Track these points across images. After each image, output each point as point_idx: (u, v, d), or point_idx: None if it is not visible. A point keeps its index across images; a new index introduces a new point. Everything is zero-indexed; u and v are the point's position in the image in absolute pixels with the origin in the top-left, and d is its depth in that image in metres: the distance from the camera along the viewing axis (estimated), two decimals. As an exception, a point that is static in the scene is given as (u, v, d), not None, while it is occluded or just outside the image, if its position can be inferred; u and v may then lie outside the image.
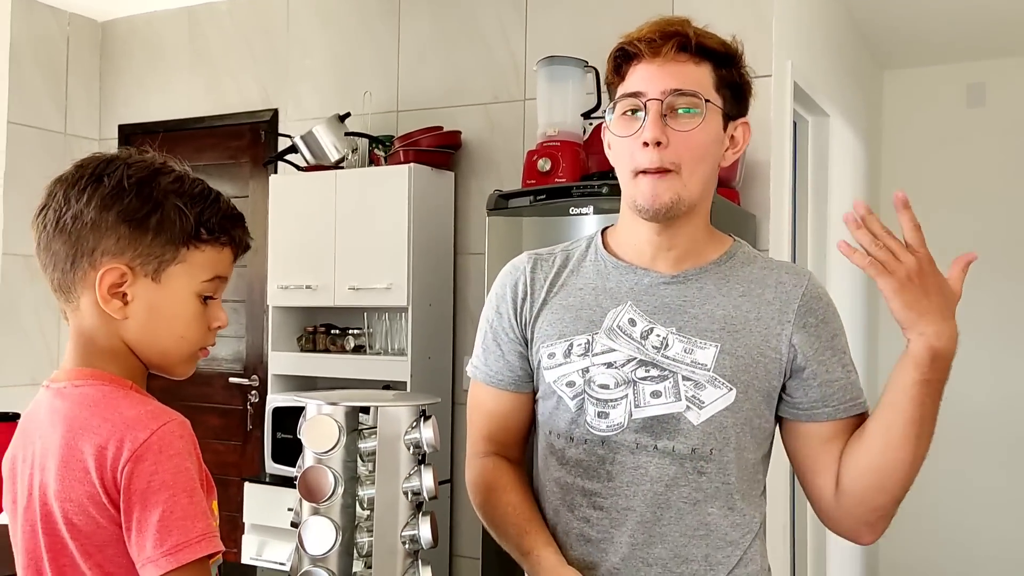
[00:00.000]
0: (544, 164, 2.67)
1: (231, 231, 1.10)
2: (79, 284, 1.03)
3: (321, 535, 1.21)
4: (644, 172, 1.18)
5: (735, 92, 1.23)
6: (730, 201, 2.68)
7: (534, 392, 1.32)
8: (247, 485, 3.39)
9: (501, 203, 2.70)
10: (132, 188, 1.03)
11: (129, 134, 4.23)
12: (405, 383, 3.14)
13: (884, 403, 1.17)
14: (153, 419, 0.99)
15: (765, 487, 1.29)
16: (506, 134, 3.30)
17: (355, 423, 1.26)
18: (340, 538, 1.22)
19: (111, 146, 4.27)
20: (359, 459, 1.26)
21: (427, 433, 1.22)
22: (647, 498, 1.19)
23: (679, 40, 1.17)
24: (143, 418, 0.99)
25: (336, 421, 1.22)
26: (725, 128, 1.22)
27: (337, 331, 3.42)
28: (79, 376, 1.04)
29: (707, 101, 1.18)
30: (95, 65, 4.29)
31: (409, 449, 1.24)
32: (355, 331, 3.37)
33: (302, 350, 3.47)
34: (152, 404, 1.03)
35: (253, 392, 3.84)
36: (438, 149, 3.28)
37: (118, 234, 1.02)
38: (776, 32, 2.89)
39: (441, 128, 3.32)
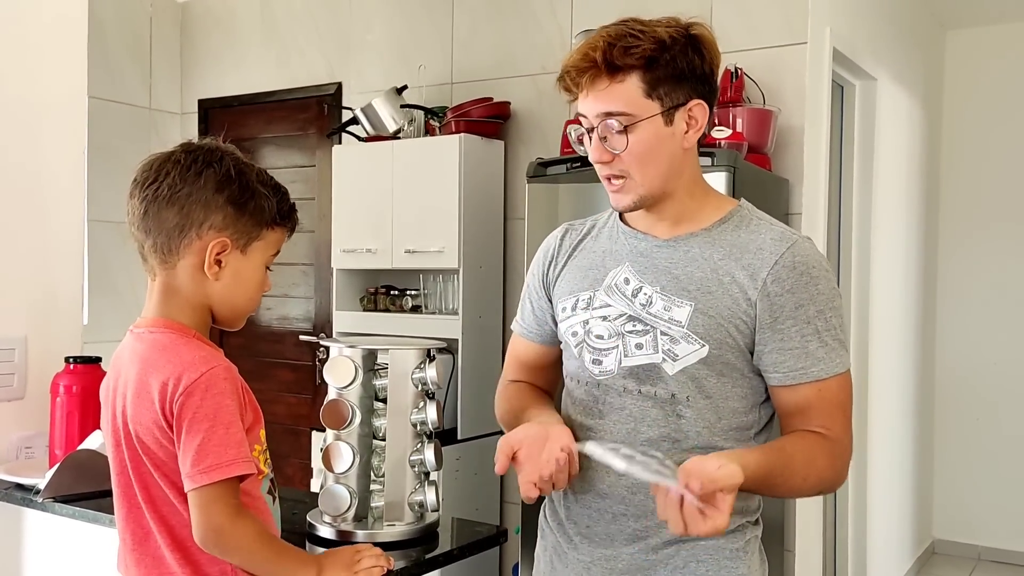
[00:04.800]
0: (580, 133, 2.80)
1: (293, 216, 1.37)
2: (183, 249, 1.27)
3: (341, 457, 1.42)
4: (604, 179, 1.35)
5: (674, 83, 1.29)
6: (760, 167, 2.77)
7: (559, 344, 1.48)
8: (314, 434, 3.66)
9: (540, 171, 2.86)
10: (237, 177, 1.28)
11: (208, 108, 4.52)
12: (457, 340, 3.34)
13: None
14: (204, 363, 1.23)
15: (762, 431, 1.39)
16: (553, 104, 3.44)
17: (372, 364, 1.46)
18: (358, 460, 1.43)
19: (192, 120, 4.58)
20: (375, 395, 1.47)
21: (431, 372, 1.42)
22: (630, 435, 1.33)
23: (593, 71, 1.28)
24: (197, 361, 1.23)
25: (353, 361, 1.42)
26: (672, 121, 1.31)
27: (396, 292, 3.64)
28: (155, 324, 1.29)
29: (633, 120, 1.28)
30: (176, 43, 4.59)
31: (417, 386, 1.44)
32: (412, 292, 3.59)
33: (364, 310, 3.71)
34: (207, 351, 1.26)
35: (321, 349, 4.12)
36: (488, 119, 3.44)
37: (224, 213, 1.27)
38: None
39: (491, 99, 3.48)
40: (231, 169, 1.28)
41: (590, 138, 1.32)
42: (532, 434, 1.30)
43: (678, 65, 1.29)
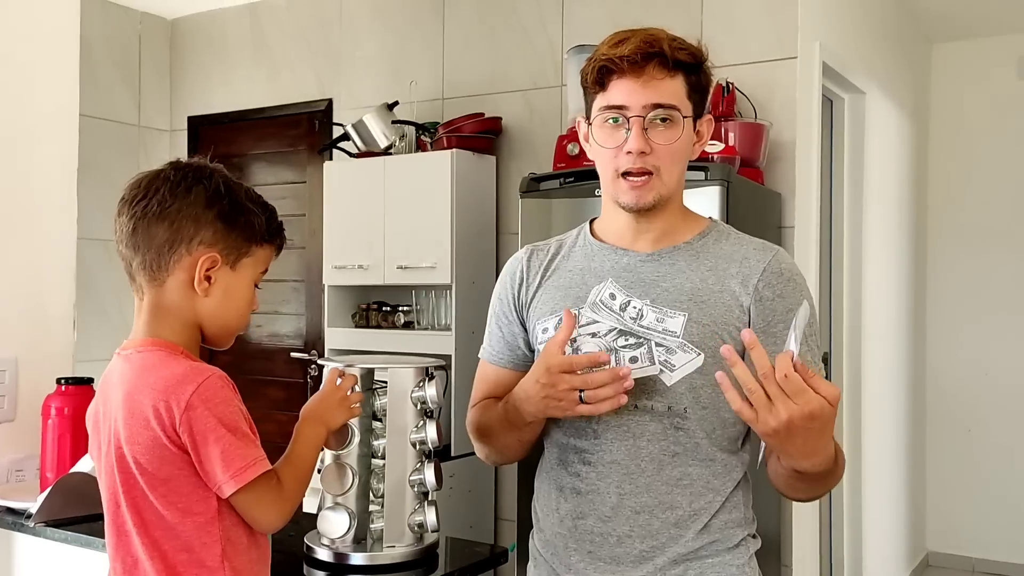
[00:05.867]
0: (573, 148, 2.81)
1: (281, 235, 1.37)
2: (173, 265, 1.26)
3: (340, 477, 1.40)
4: (626, 175, 1.33)
5: (702, 94, 1.36)
6: (753, 181, 2.78)
7: None
8: (306, 452, 3.63)
9: (533, 186, 2.85)
10: (226, 194, 1.28)
11: (198, 125, 4.51)
12: (450, 356, 3.33)
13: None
14: (198, 374, 1.21)
15: (746, 442, 1.39)
16: (545, 119, 3.45)
17: (370, 383, 1.45)
18: (357, 481, 1.41)
19: (181, 137, 4.56)
20: (374, 415, 1.45)
21: (431, 391, 1.40)
22: (630, 452, 1.32)
23: (659, 60, 1.30)
24: (190, 373, 1.21)
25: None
26: (695, 128, 1.36)
27: (388, 308, 3.62)
28: (143, 344, 1.27)
29: (684, 116, 1.32)
30: (165, 61, 4.58)
31: (416, 405, 1.43)
32: (404, 308, 3.57)
33: (356, 326, 3.69)
34: (194, 363, 1.24)
35: (312, 366, 4.09)
36: (480, 135, 3.44)
37: (214, 228, 1.27)
38: (803, 14, 2.96)
39: (483, 115, 3.48)
40: (220, 186, 1.28)
41: (627, 128, 1.31)
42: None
43: (705, 78, 1.36)
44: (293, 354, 4.14)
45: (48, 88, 2.16)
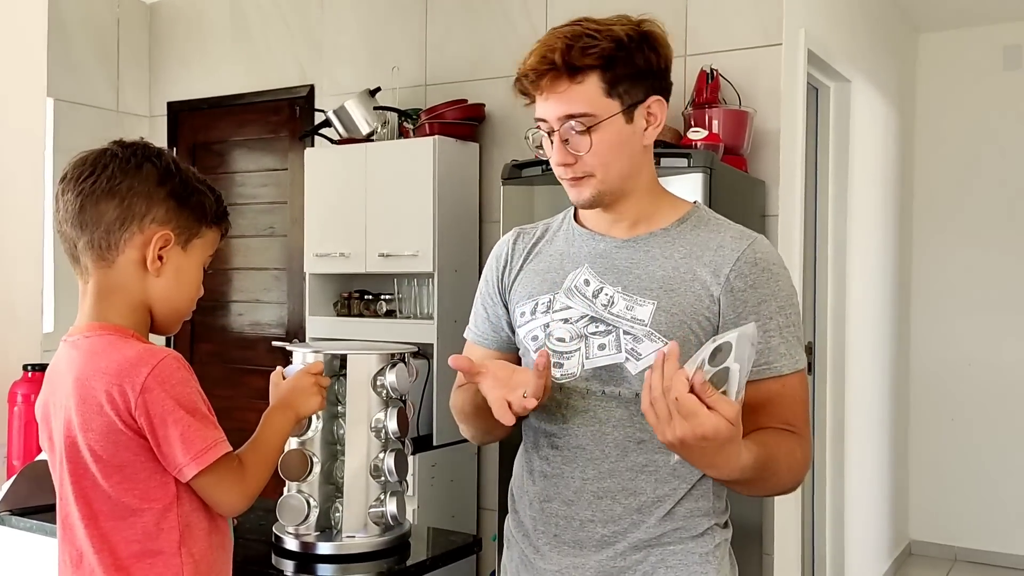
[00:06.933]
0: (554, 134, 2.78)
1: (227, 219, 1.35)
2: (124, 243, 1.23)
3: (300, 464, 1.37)
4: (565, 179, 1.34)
5: (633, 80, 1.29)
6: (737, 168, 2.76)
7: (517, 351, 1.46)
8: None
9: (515, 173, 2.82)
10: (177, 173, 1.26)
11: (177, 111, 4.45)
12: (432, 345, 3.30)
13: None
14: (152, 356, 1.18)
15: None
16: (527, 106, 3.41)
17: (335, 369, 1.42)
18: (317, 468, 1.38)
19: (161, 123, 4.50)
20: (339, 401, 1.42)
21: (391, 377, 1.37)
22: (595, 437, 1.32)
23: (552, 73, 1.26)
24: (144, 356, 1.18)
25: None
26: (632, 119, 1.31)
27: (370, 297, 3.59)
28: (89, 329, 1.24)
29: (595, 121, 1.26)
30: (144, 45, 4.52)
31: (379, 393, 1.40)
32: (387, 297, 3.54)
33: (338, 315, 3.65)
34: (147, 345, 1.21)
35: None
36: (462, 121, 3.40)
37: (167, 206, 1.24)
38: (788, 1, 2.93)
39: (465, 101, 3.45)
40: (171, 164, 1.26)
41: (551, 141, 1.30)
42: (498, 365, 1.29)
43: (635, 63, 1.29)
44: (275, 343, 4.09)
45: (13, 70, 2.11)
